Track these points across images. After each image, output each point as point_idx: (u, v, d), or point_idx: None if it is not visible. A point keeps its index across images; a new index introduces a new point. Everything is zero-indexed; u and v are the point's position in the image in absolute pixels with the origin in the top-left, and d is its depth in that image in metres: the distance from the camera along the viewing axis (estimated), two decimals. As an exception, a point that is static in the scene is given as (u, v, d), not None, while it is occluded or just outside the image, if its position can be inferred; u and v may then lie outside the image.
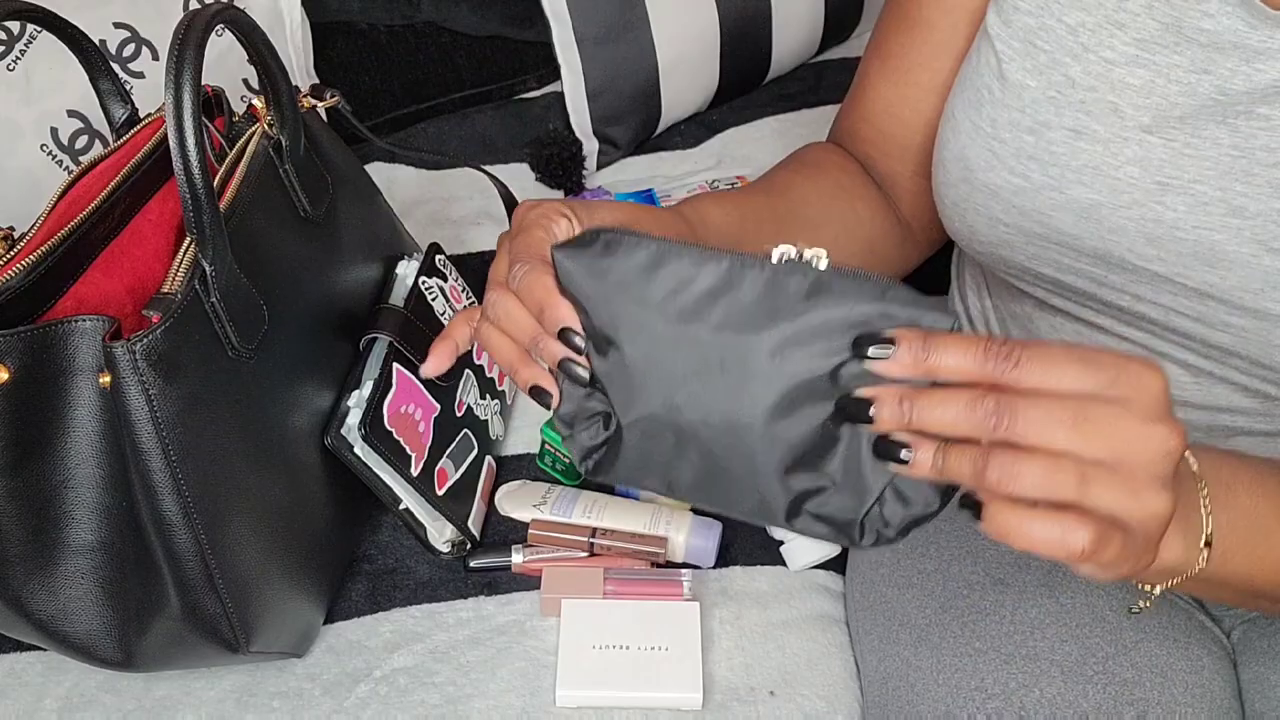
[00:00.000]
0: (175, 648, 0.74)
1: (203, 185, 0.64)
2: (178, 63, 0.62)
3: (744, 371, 0.52)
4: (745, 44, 1.23)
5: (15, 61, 1.01)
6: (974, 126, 0.66)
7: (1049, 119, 0.62)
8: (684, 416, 0.54)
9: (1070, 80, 0.62)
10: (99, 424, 0.67)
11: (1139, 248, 0.62)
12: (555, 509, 0.89)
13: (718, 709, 0.80)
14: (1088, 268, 0.65)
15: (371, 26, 1.26)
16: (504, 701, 0.80)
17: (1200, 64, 0.58)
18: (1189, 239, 0.60)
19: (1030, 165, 0.64)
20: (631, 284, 0.53)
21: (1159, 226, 0.61)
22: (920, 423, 0.46)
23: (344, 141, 0.90)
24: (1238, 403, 0.66)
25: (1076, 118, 0.62)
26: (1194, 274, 0.61)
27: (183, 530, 0.68)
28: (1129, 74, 0.60)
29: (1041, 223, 0.64)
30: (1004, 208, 0.66)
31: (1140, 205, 0.61)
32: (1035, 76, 0.63)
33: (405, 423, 0.82)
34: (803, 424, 0.52)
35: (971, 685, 0.71)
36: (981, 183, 0.66)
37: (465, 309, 0.69)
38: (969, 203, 0.67)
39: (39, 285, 0.67)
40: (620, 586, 0.84)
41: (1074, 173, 0.62)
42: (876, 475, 0.51)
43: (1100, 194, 0.62)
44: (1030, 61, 0.63)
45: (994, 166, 0.65)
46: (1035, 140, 0.63)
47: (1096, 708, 0.68)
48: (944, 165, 0.69)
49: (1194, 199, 0.60)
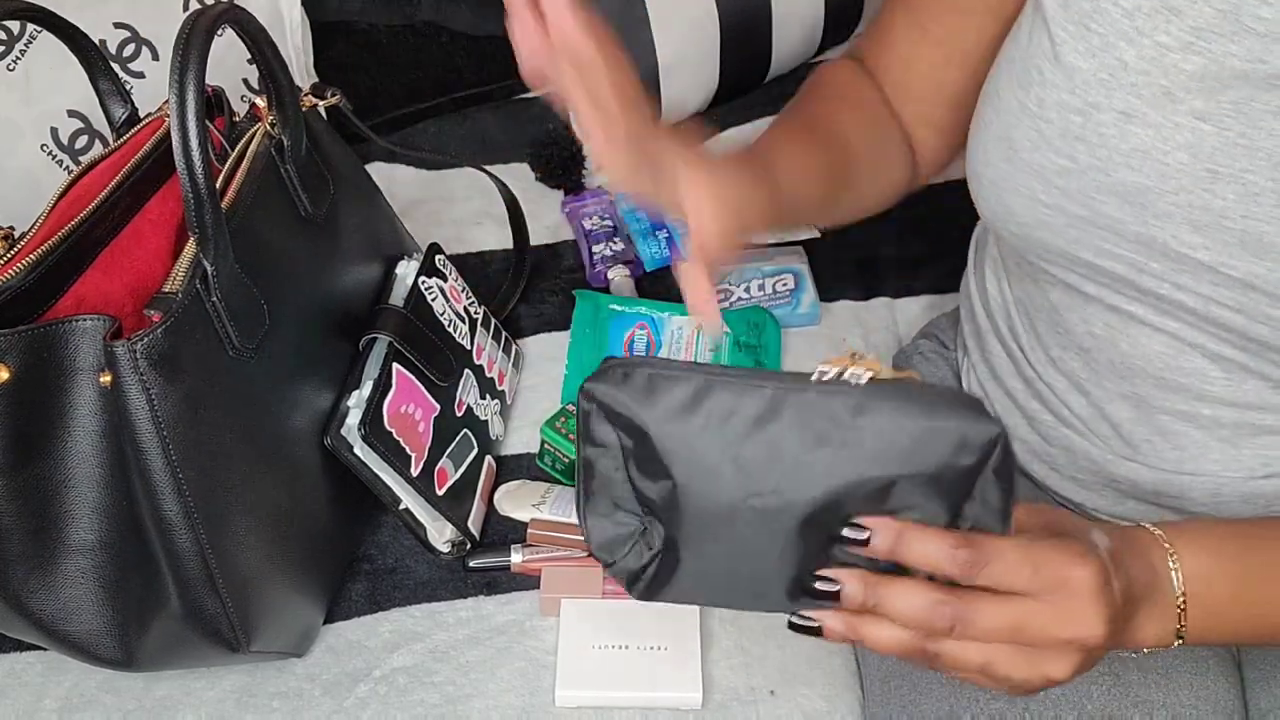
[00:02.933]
0: (175, 647, 0.74)
1: (205, 184, 0.64)
2: (181, 63, 0.62)
3: (793, 495, 0.54)
4: (745, 44, 1.23)
5: (15, 61, 1.01)
6: (1020, 105, 0.65)
7: (1099, 100, 0.62)
8: (737, 538, 0.56)
9: (1123, 63, 0.61)
10: (99, 423, 0.67)
11: (1184, 235, 0.61)
12: (555, 509, 0.88)
13: (718, 709, 0.80)
14: (1129, 253, 0.64)
15: (371, 26, 1.26)
16: (503, 701, 0.80)
17: (1257, 53, 0.57)
18: (1236, 228, 0.60)
19: (1077, 146, 0.63)
20: (677, 416, 0.54)
21: (1206, 214, 0.60)
22: (882, 610, 0.53)
23: (344, 141, 0.90)
24: (1269, 399, 0.66)
25: (1127, 100, 0.61)
26: (1239, 264, 0.60)
27: (183, 530, 0.68)
28: (1183, 59, 0.59)
29: (1085, 205, 0.64)
30: (1046, 188, 0.65)
31: (1188, 191, 0.60)
32: (1088, 59, 0.62)
33: (405, 423, 0.82)
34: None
35: (974, 685, 0.71)
36: (1025, 162, 0.65)
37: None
38: (1009, 183, 0.67)
39: (39, 285, 0.67)
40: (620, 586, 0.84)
41: (1122, 156, 0.62)
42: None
43: (1148, 178, 0.61)
44: (1084, 44, 0.62)
45: (1039, 146, 0.64)
46: (1084, 121, 0.63)
47: (1102, 709, 0.68)
48: (984, 146, 0.69)
49: (1245, 188, 0.59)
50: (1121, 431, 0.72)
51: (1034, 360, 0.77)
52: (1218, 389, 0.66)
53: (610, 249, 1.10)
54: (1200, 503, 0.72)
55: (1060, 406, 0.76)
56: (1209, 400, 0.67)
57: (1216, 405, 0.67)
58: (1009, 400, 0.80)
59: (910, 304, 1.09)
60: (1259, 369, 0.64)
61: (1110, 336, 0.69)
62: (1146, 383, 0.69)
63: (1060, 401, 0.76)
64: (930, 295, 1.09)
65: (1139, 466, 0.73)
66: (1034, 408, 0.78)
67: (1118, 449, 0.73)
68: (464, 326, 0.93)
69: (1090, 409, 0.74)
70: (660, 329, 1.02)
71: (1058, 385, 0.75)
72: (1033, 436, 0.79)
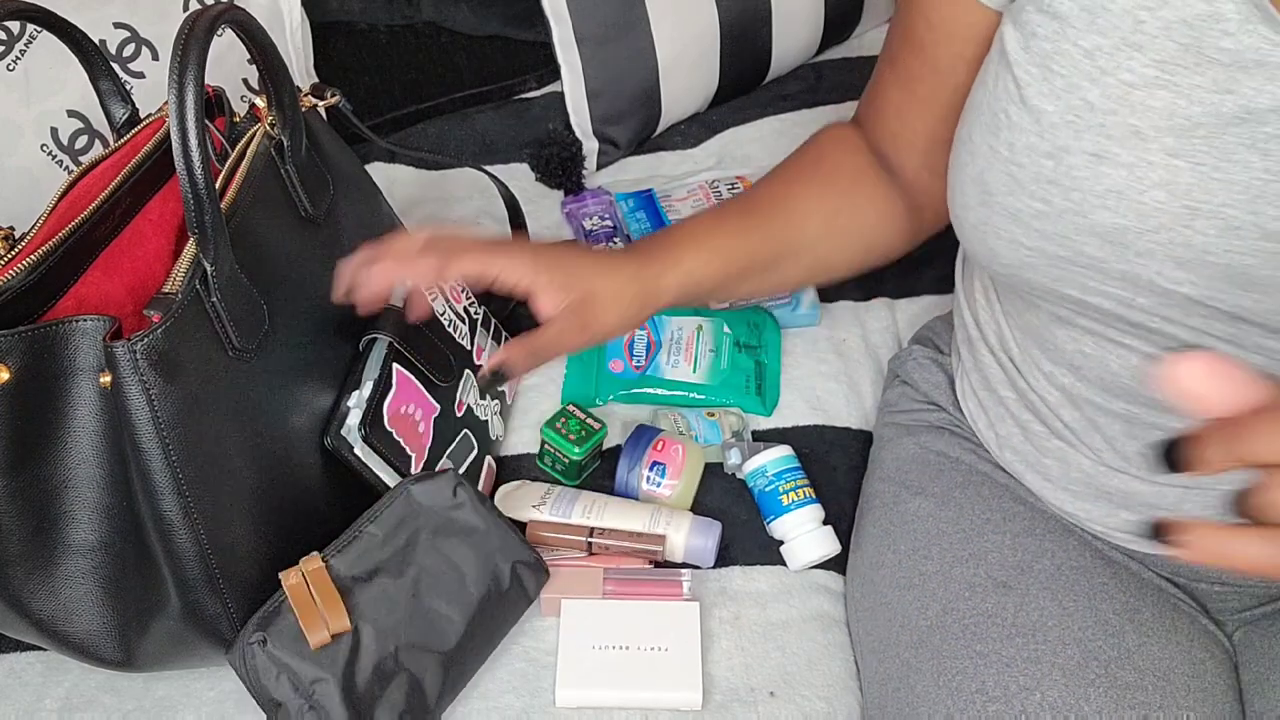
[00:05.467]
0: (176, 648, 0.74)
1: (205, 185, 0.64)
2: (181, 63, 0.62)
3: None
4: (745, 44, 1.23)
5: (15, 61, 1.01)
6: (991, 150, 0.65)
7: (1068, 143, 0.61)
8: None
9: (1089, 104, 0.60)
10: (99, 424, 0.67)
11: (1168, 271, 0.61)
12: (554, 509, 0.88)
13: (718, 709, 0.80)
14: (1115, 290, 0.64)
15: (371, 26, 1.26)
16: (503, 702, 0.80)
17: (1223, 84, 0.56)
18: (1220, 263, 0.59)
19: (1051, 190, 0.62)
20: None
21: (1189, 251, 0.60)
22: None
23: (344, 141, 0.90)
24: None
25: (1097, 141, 0.60)
26: (1226, 297, 0.60)
27: (183, 530, 0.68)
28: (1149, 96, 0.58)
29: (1065, 246, 0.63)
30: (1025, 231, 0.64)
31: (1168, 230, 0.60)
32: (1053, 101, 0.61)
33: (405, 423, 0.82)
34: None
35: (973, 688, 0.71)
36: (1001, 206, 0.65)
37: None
38: (989, 226, 0.67)
39: (39, 285, 0.67)
40: (620, 586, 0.84)
41: (1097, 197, 0.61)
42: None
43: (1126, 218, 0.61)
44: (1047, 86, 0.62)
45: (1014, 191, 0.64)
46: (1055, 165, 0.62)
47: (1099, 711, 0.68)
48: (962, 188, 0.68)
49: (1224, 223, 0.58)
50: (1114, 445, 0.72)
51: (1025, 373, 0.77)
52: None
53: (610, 249, 1.10)
54: (1194, 515, 0.72)
55: (1052, 419, 0.76)
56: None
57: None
58: (1002, 409, 0.80)
59: (910, 304, 1.09)
60: None
61: (1100, 356, 0.69)
62: (1138, 401, 0.69)
63: (1053, 414, 0.76)
64: (930, 296, 1.09)
65: (1132, 479, 0.73)
66: (1026, 418, 0.78)
67: (1110, 461, 0.73)
68: (464, 327, 0.93)
69: (1083, 421, 0.74)
70: (660, 329, 1.02)
71: (1050, 398, 0.75)
72: (1026, 447, 0.79)
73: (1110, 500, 0.75)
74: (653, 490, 0.90)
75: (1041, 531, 0.78)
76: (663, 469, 0.90)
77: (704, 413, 0.97)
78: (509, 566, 0.79)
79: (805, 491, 0.89)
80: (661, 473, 0.90)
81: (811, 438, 0.97)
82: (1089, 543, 0.78)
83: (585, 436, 0.92)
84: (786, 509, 0.88)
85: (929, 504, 0.82)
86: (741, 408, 0.98)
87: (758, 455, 0.91)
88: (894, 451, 0.88)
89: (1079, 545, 0.77)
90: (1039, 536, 0.78)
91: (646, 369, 1.00)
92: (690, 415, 0.97)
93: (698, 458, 0.92)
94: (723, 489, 0.93)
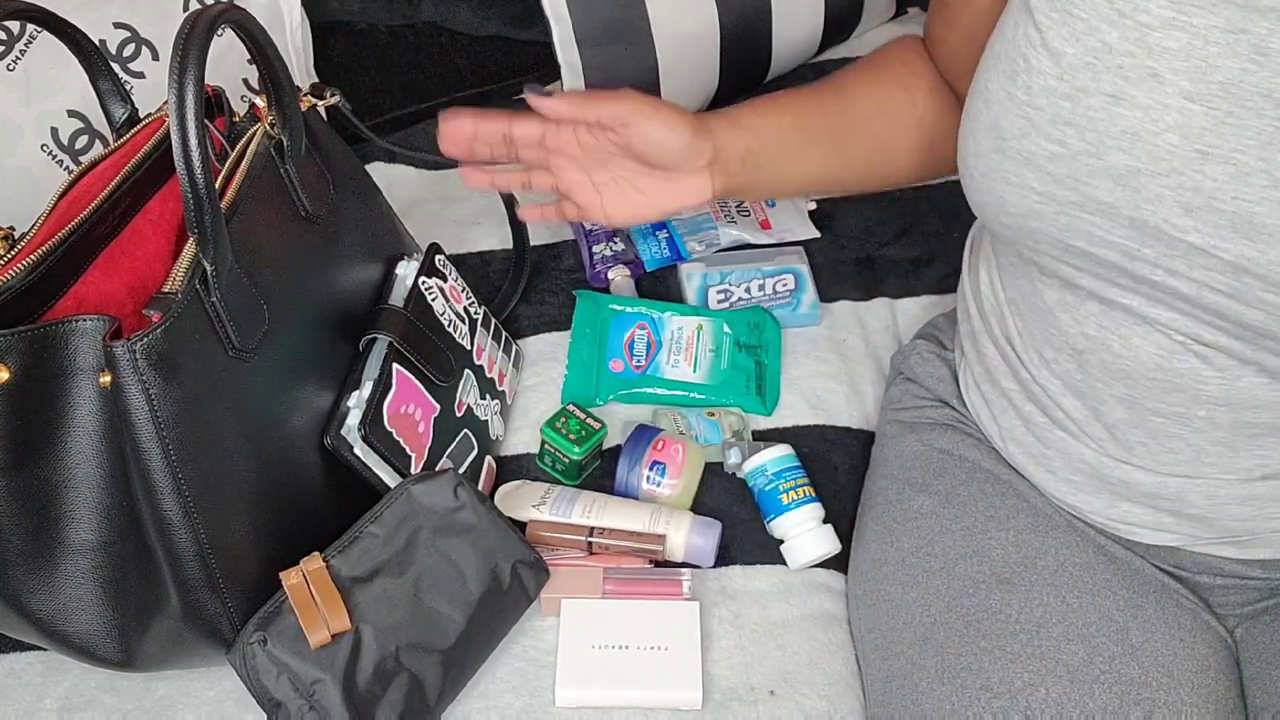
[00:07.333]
0: (175, 647, 0.74)
1: (204, 185, 0.64)
2: (181, 63, 0.62)
3: None
4: (745, 44, 1.23)
5: (15, 61, 1.01)
6: (1008, 95, 0.66)
7: (1086, 84, 0.62)
8: None
9: (1107, 46, 0.61)
10: (99, 424, 0.67)
11: (1175, 218, 0.61)
12: (554, 509, 0.88)
13: (718, 709, 0.80)
14: (1121, 239, 0.64)
15: (371, 26, 1.26)
16: (503, 701, 0.80)
17: (1237, 23, 0.57)
18: (1228, 210, 0.60)
19: (1067, 131, 0.63)
20: None
21: (1198, 196, 0.60)
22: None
23: (344, 141, 0.90)
24: (1263, 397, 0.66)
25: (1114, 83, 0.61)
26: (1231, 246, 0.60)
27: (183, 530, 0.68)
28: (1166, 37, 0.60)
29: (1077, 190, 0.64)
30: (1038, 175, 0.65)
31: (1179, 173, 0.61)
32: (1073, 44, 0.63)
33: (405, 423, 0.82)
34: None
35: (977, 685, 0.71)
36: (1015, 150, 0.66)
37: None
38: (1000, 173, 0.67)
39: (39, 285, 0.67)
40: (620, 586, 0.84)
41: (1113, 138, 0.62)
42: None
43: (1139, 160, 0.61)
44: (1067, 29, 0.63)
45: (1029, 133, 0.65)
46: (1072, 106, 0.63)
47: (1103, 708, 0.68)
48: (974, 137, 0.69)
49: (1235, 169, 0.59)
50: (1116, 434, 0.72)
51: (1027, 362, 0.77)
52: (1212, 388, 0.66)
53: (610, 249, 1.10)
54: (1197, 505, 0.72)
55: (1054, 408, 0.76)
56: (1204, 401, 0.67)
57: (1212, 406, 0.67)
58: (1005, 401, 0.81)
59: (910, 304, 1.09)
60: (1255, 358, 0.64)
61: (1103, 337, 0.69)
62: (1140, 384, 0.69)
63: (1054, 403, 0.76)
64: (930, 295, 1.09)
65: (1134, 469, 0.73)
66: (1029, 410, 0.78)
67: (1112, 451, 0.73)
68: (464, 326, 0.93)
69: (1084, 411, 0.74)
70: (660, 329, 1.02)
71: (1051, 387, 0.75)
72: (1028, 438, 0.79)
73: (1113, 492, 0.75)
74: (653, 490, 0.90)
75: (1045, 528, 0.78)
76: (663, 469, 0.90)
77: (704, 412, 0.97)
78: (509, 566, 0.79)
79: (805, 490, 0.89)
80: (661, 472, 0.90)
81: (812, 438, 0.97)
82: (1092, 539, 0.78)
83: (585, 436, 0.92)
84: (786, 508, 0.88)
85: (932, 501, 0.82)
86: (742, 407, 0.98)
87: (758, 454, 0.91)
88: (897, 449, 0.88)
89: (1082, 542, 0.77)
90: (1042, 533, 0.78)
91: (647, 369, 1.00)
92: (690, 415, 0.97)
93: (698, 457, 0.92)
94: (723, 488, 0.93)
